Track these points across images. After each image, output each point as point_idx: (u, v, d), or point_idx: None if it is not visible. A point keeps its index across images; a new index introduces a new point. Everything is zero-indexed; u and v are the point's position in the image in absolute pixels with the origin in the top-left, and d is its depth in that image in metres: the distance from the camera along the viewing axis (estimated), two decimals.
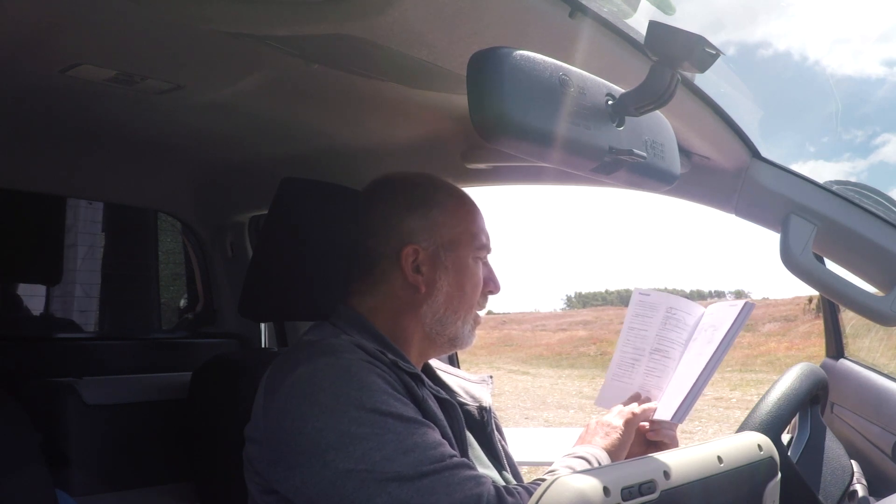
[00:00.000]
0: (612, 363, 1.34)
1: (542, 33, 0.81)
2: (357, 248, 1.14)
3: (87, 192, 1.83)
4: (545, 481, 0.71)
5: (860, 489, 1.42)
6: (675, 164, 0.82)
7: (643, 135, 0.76)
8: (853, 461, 1.49)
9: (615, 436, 1.15)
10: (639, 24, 0.89)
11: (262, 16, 0.85)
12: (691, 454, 0.82)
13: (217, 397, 1.36)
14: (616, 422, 1.17)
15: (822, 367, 1.67)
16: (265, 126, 1.41)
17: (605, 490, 0.69)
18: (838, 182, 1.23)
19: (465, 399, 1.20)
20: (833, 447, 1.48)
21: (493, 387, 1.29)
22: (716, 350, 1.18)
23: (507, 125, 0.63)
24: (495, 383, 1.33)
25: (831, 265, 1.22)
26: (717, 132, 1.14)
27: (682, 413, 1.18)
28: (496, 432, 1.22)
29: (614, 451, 1.13)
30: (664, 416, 1.20)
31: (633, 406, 1.21)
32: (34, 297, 2.20)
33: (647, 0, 0.94)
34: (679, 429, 1.26)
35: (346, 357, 0.97)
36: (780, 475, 0.93)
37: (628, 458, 1.11)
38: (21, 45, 1.00)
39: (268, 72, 1.11)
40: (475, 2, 0.77)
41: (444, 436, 1.00)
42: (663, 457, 0.79)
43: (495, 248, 1.19)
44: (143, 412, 1.53)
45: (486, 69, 0.64)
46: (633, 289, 1.38)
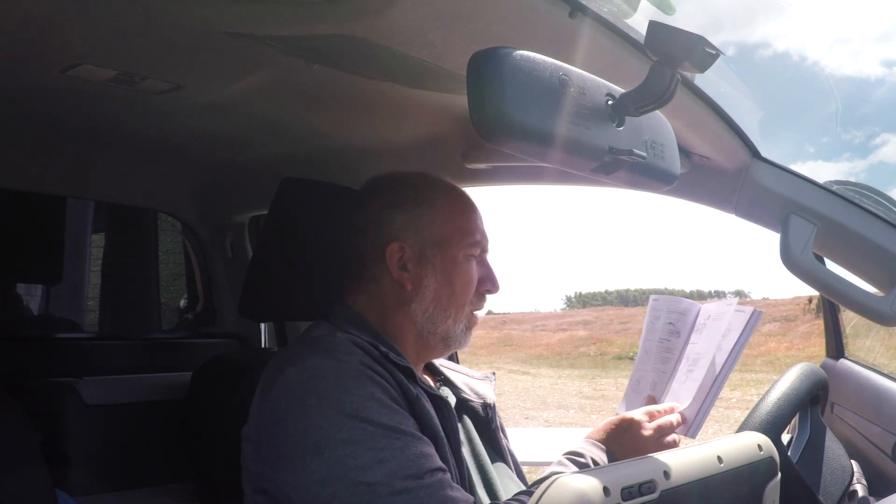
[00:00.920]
0: (632, 374, 1.35)
1: (542, 33, 0.81)
2: (349, 247, 1.13)
3: (87, 192, 1.83)
4: (545, 482, 0.71)
5: (860, 489, 1.42)
6: (675, 164, 0.82)
7: (643, 135, 0.76)
8: (853, 461, 1.49)
9: (637, 443, 1.15)
10: (639, 24, 0.89)
11: (262, 16, 0.85)
12: (691, 454, 0.82)
13: (217, 397, 1.37)
14: (647, 427, 1.16)
15: (822, 367, 1.67)
16: (265, 126, 1.41)
17: (605, 490, 0.69)
18: (838, 182, 1.23)
19: (470, 396, 1.20)
20: (833, 447, 1.48)
21: (496, 384, 1.29)
22: (723, 363, 1.16)
23: (507, 125, 0.63)
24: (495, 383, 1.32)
25: (831, 265, 1.22)
26: (717, 132, 1.14)
27: (696, 428, 1.17)
28: (499, 430, 1.22)
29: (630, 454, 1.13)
30: (677, 430, 1.19)
31: (667, 418, 1.19)
32: (34, 298, 2.20)
33: (647, 0, 0.94)
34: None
35: (338, 358, 0.96)
36: (780, 475, 0.93)
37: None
38: (21, 45, 1.00)
39: (268, 72, 1.11)
40: (475, 2, 0.77)
41: (434, 434, 0.99)
42: (663, 457, 0.79)
43: (495, 248, 1.18)
44: (143, 412, 1.53)
45: (486, 69, 0.64)
46: (632, 289, 1.38)
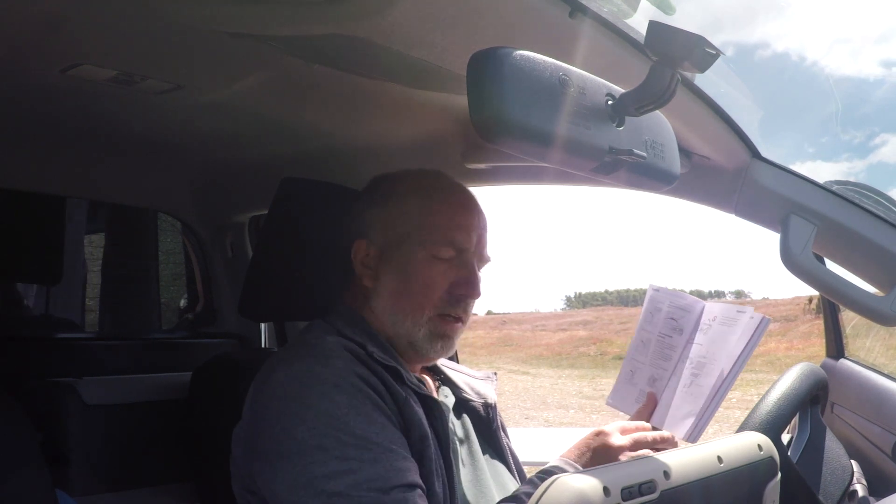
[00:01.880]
0: (624, 362, 1.31)
1: (542, 33, 0.81)
2: (339, 246, 1.15)
3: (87, 192, 1.83)
4: (545, 482, 0.71)
5: (860, 489, 1.42)
6: (675, 164, 0.82)
7: (643, 135, 0.76)
8: (853, 461, 1.49)
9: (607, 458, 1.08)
10: (639, 24, 0.88)
11: (262, 16, 0.85)
12: (691, 454, 0.83)
13: (217, 397, 1.37)
14: (618, 441, 1.08)
15: (822, 367, 1.67)
16: (265, 126, 1.41)
17: (605, 490, 0.69)
18: (838, 182, 1.22)
19: (471, 396, 1.20)
20: (833, 447, 1.48)
21: (497, 384, 1.28)
22: (730, 369, 1.14)
23: (507, 125, 0.63)
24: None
25: (831, 265, 1.22)
26: (717, 132, 1.14)
27: (697, 433, 1.15)
28: (501, 429, 1.22)
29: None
30: (677, 433, 1.17)
31: (644, 434, 1.11)
32: (34, 298, 2.20)
33: (647, 0, 0.94)
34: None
35: (325, 364, 0.95)
36: (780, 475, 0.93)
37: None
38: (21, 45, 1.00)
39: (268, 72, 1.11)
40: (475, 2, 0.77)
41: (422, 435, 0.98)
42: (663, 457, 0.79)
43: (496, 248, 1.17)
44: (143, 412, 1.53)
45: (486, 69, 0.64)
46: (632, 289, 1.35)
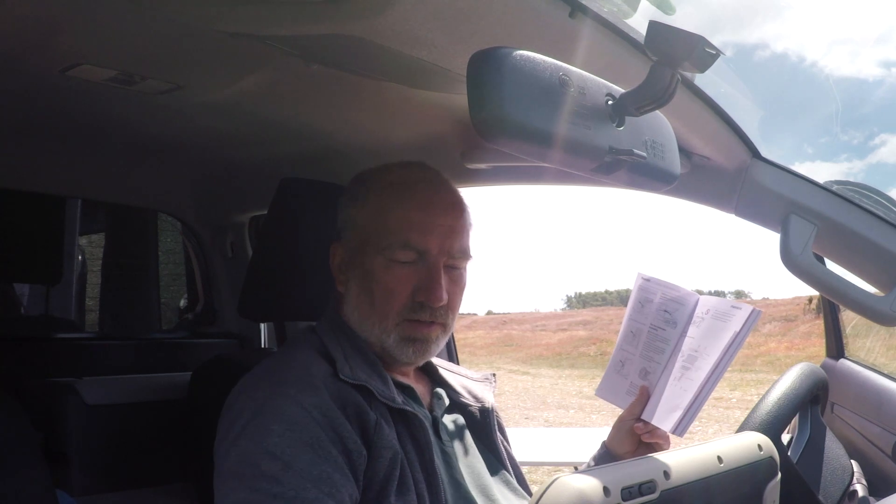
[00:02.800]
0: (614, 352, 1.30)
1: (542, 33, 0.81)
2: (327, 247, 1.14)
3: (87, 192, 1.83)
4: (545, 482, 0.71)
5: (860, 489, 1.42)
6: (675, 164, 0.82)
7: (643, 135, 0.76)
8: (853, 461, 1.49)
9: None
10: (639, 24, 0.89)
11: (262, 16, 0.85)
12: (691, 454, 0.83)
13: (217, 397, 1.36)
14: None
15: (822, 367, 1.67)
16: (265, 126, 1.41)
17: (605, 490, 0.69)
18: (838, 182, 1.23)
19: (468, 399, 1.18)
20: (833, 447, 1.48)
21: (495, 386, 1.27)
22: (719, 361, 1.13)
23: (507, 125, 0.63)
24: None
25: (831, 265, 1.22)
26: (717, 132, 1.14)
27: (683, 426, 1.14)
28: (498, 433, 1.20)
29: None
30: (664, 426, 1.16)
31: None
32: (34, 298, 2.20)
33: (647, 0, 0.94)
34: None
35: (275, 391, 0.94)
36: (780, 475, 0.93)
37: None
38: (21, 45, 1.00)
39: (268, 72, 1.11)
40: (475, 2, 0.77)
41: (393, 455, 0.94)
42: (663, 457, 0.79)
43: (496, 248, 1.16)
44: (143, 412, 1.53)
45: (486, 69, 0.64)
46: (632, 289, 1.31)
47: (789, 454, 1.43)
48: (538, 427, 8.79)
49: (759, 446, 0.91)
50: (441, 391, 1.18)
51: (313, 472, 0.87)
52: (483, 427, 1.17)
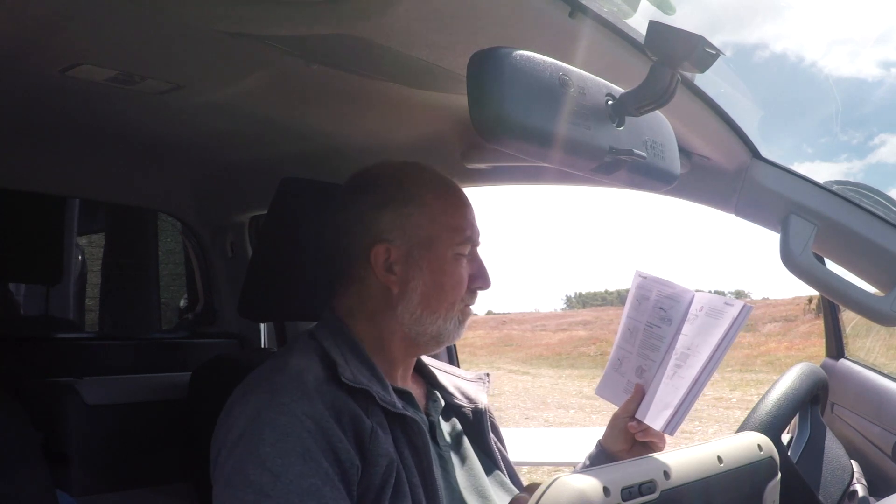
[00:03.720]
0: (613, 350, 1.29)
1: (542, 33, 0.81)
2: (336, 248, 1.11)
3: (87, 192, 1.83)
4: (545, 482, 0.71)
5: (860, 489, 1.42)
6: (675, 164, 0.82)
7: (643, 135, 0.76)
8: (853, 461, 1.49)
9: None
10: (639, 24, 0.89)
11: (262, 16, 0.85)
12: (691, 454, 0.83)
13: (217, 397, 1.36)
14: None
15: (822, 367, 1.67)
16: (265, 126, 1.41)
17: (605, 490, 0.69)
18: (838, 182, 1.23)
19: (461, 400, 1.18)
20: (833, 447, 1.48)
21: (489, 385, 1.26)
22: (709, 359, 1.12)
23: (507, 125, 0.63)
24: (496, 383, 1.31)
25: (831, 265, 1.22)
26: (717, 132, 1.14)
27: (674, 425, 1.13)
28: (492, 434, 1.19)
29: None
30: (655, 424, 1.15)
31: None
32: (34, 298, 2.20)
33: (647, 0, 0.94)
34: (679, 428, 1.23)
35: (271, 400, 0.94)
36: (780, 475, 0.93)
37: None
38: (21, 45, 1.00)
39: (268, 72, 1.11)
40: (475, 2, 0.77)
41: (389, 463, 0.95)
42: (663, 457, 0.79)
43: (496, 248, 1.18)
44: (143, 412, 1.53)
45: (486, 69, 0.64)
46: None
47: (789, 454, 1.43)
48: (538, 427, 8.79)
49: (759, 446, 0.91)
50: (436, 393, 1.18)
51: (303, 485, 0.88)
52: (476, 428, 1.17)
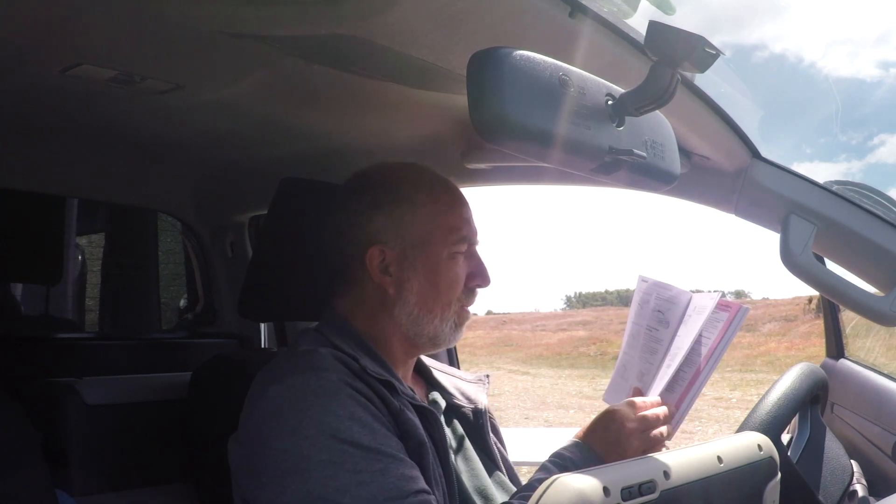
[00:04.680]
0: (619, 357, 1.29)
1: (542, 33, 0.81)
2: (333, 249, 1.11)
3: (87, 192, 1.83)
4: (545, 482, 0.71)
5: (860, 489, 1.42)
6: (675, 164, 0.82)
7: (643, 135, 0.76)
8: (853, 461, 1.49)
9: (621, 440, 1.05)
10: (639, 24, 0.89)
11: (262, 16, 0.85)
12: (691, 454, 0.83)
13: (217, 397, 1.36)
14: (631, 419, 1.06)
15: (822, 367, 1.67)
16: (265, 126, 1.41)
17: (605, 490, 0.69)
18: (838, 182, 1.23)
19: (461, 401, 1.18)
20: (833, 447, 1.48)
21: (489, 386, 1.27)
22: (706, 361, 1.12)
23: (507, 125, 0.63)
24: (495, 383, 1.31)
25: (831, 265, 1.22)
26: (717, 132, 1.14)
27: (673, 425, 1.13)
28: (492, 434, 1.20)
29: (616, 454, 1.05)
30: None
31: (653, 410, 1.09)
32: (34, 298, 2.20)
33: (647, 0, 0.94)
34: (679, 428, 1.23)
35: (319, 376, 0.94)
36: (780, 475, 0.93)
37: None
38: (21, 45, 1.00)
39: (268, 72, 1.11)
40: (475, 2, 0.77)
41: (419, 443, 0.97)
42: (663, 457, 0.79)
43: (495, 248, 1.18)
44: (143, 412, 1.53)
45: (486, 69, 0.64)
46: (632, 289, 1.26)
47: (789, 454, 1.43)
48: (538, 427, 8.79)
49: (759, 446, 0.91)
50: (436, 394, 1.18)
51: (390, 444, 0.92)
52: (476, 429, 1.17)
